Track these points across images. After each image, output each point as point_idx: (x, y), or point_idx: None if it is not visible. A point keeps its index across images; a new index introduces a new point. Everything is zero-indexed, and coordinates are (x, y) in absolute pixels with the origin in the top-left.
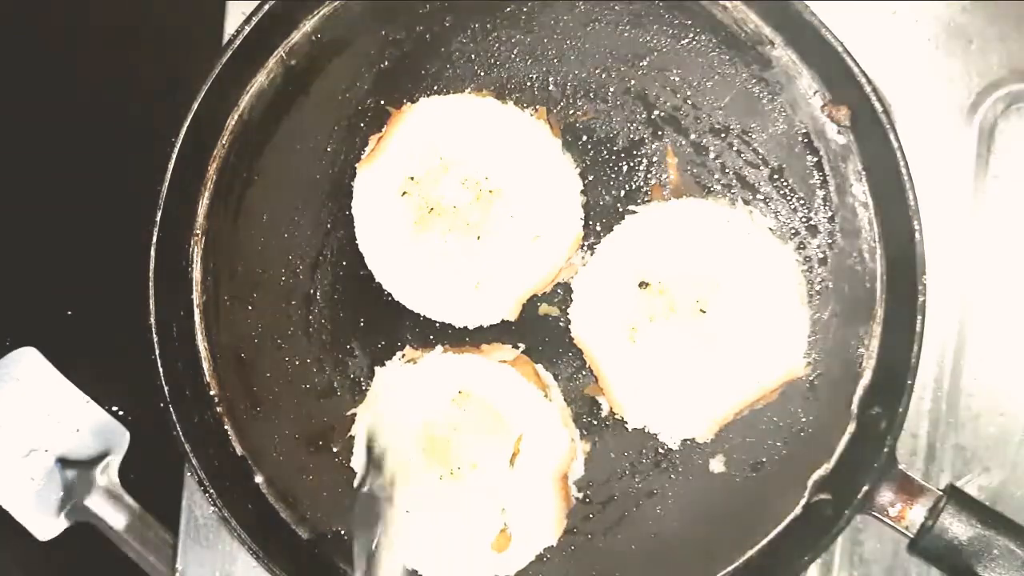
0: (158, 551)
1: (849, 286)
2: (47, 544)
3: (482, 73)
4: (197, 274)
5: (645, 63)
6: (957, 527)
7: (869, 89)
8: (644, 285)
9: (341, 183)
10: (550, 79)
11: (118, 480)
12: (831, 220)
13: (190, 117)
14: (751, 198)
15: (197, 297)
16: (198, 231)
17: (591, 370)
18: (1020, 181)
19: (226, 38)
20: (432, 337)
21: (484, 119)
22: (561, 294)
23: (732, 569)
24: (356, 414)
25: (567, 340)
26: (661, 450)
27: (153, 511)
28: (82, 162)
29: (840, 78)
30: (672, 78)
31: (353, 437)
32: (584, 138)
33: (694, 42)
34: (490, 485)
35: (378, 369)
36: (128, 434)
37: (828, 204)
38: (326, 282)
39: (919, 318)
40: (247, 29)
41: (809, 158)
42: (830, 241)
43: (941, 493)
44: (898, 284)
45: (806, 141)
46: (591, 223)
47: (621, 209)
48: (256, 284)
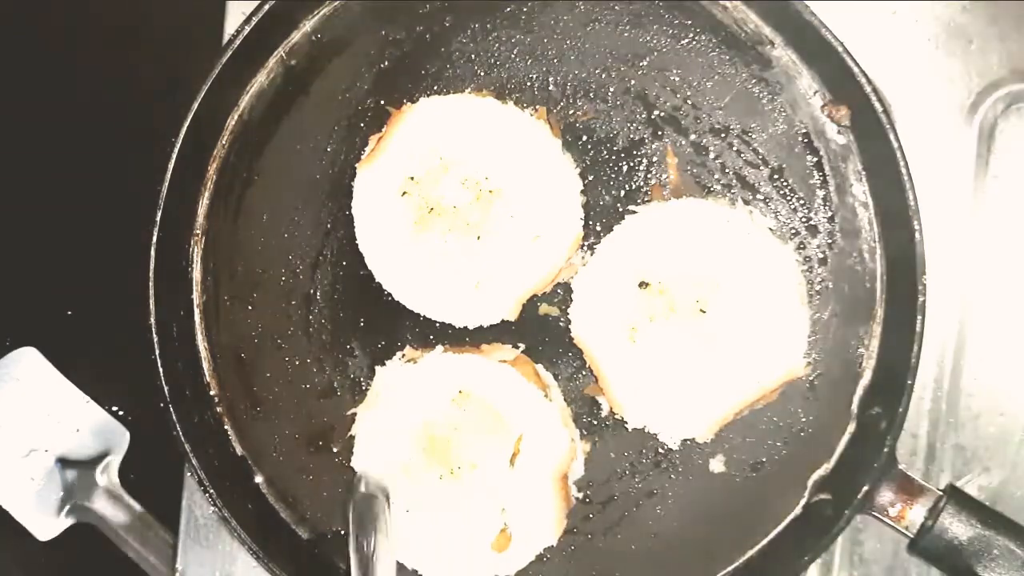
0: (158, 551)
1: (849, 286)
2: (47, 544)
3: (482, 73)
4: (197, 274)
5: (645, 63)
6: (957, 527)
7: (869, 89)
8: (644, 285)
9: (341, 183)
10: (550, 79)
11: (118, 480)
12: (831, 220)
13: (190, 117)
14: (751, 198)
15: (197, 297)
16: (198, 231)
17: (591, 370)
18: (1020, 181)
19: (226, 38)
20: (432, 337)
21: (484, 119)
22: (561, 294)
23: (732, 569)
24: (356, 414)
25: (567, 340)
26: (661, 450)
27: (153, 511)
28: (82, 162)
29: (840, 78)
30: (672, 78)
31: (353, 437)
32: (584, 138)
33: (694, 42)
34: (490, 485)
35: (378, 369)
36: (128, 434)
37: (828, 204)
38: (326, 282)
39: (919, 318)
40: (247, 29)
41: (809, 158)
42: (830, 241)
43: (941, 493)
44: (898, 284)
45: (806, 141)
46: (591, 223)
47: (621, 209)
48: (256, 284)
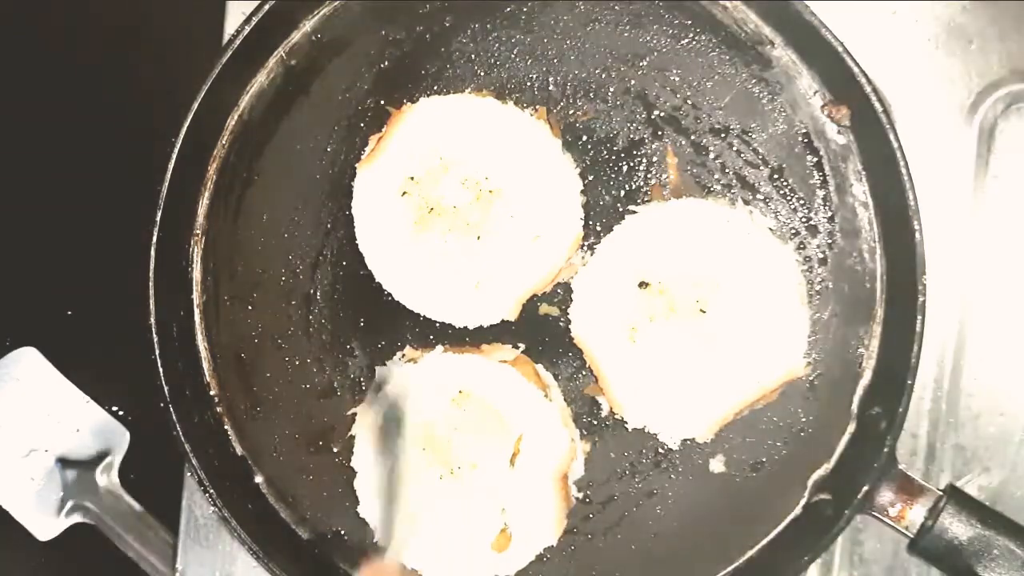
0: (158, 551)
1: (849, 286)
2: (47, 544)
3: (482, 73)
4: (197, 274)
5: (645, 63)
6: (957, 527)
7: (869, 89)
8: (644, 285)
9: (341, 183)
10: (550, 79)
11: (118, 480)
12: (831, 220)
13: (190, 117)
14: (751, 198)
15: (197, 297)
16: (198, 231)
17: (591, 370)
18: (1020, 181)
19: (226, 38)
20: (432, 337)
21: (484, 119)
22: (561, 294)
23: (732, 569)
24: (356, 414)
25: (567, 340)
26: (661, 450)
27: (153, 511)
28: (82, 162)
29: (840, 78)
30: (672, 78)
31: (353, 437)
32: (584, 138)
33: (694, 42)
34: (490, 485)
35: (378, 369)
36: (128, 434)
37: (828, 204)
38: (326, 282)
39: (919, 318)
40: (247, 29)
41: (809, 158)
42: (830, 241)
43: (941, 493)
44: (898, 284)
45: (806, 141)
46: (591, 223)
47: (621, 209)
48: (256, 284)
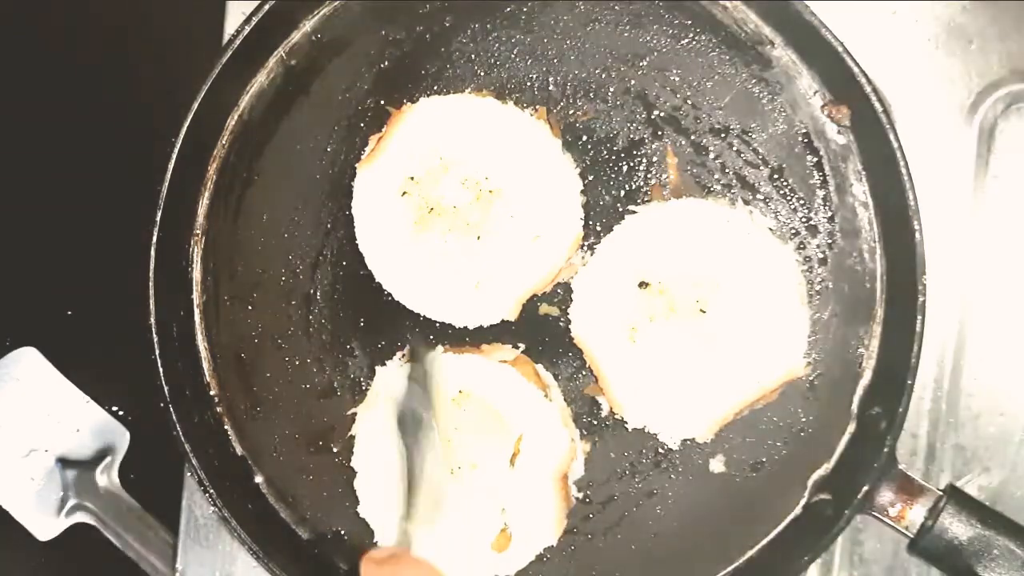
0: (158, 551)
1: (849, 286)
2: (47, 544)
3: (482, 73)
4: (197, 274)
5: (645, 63)
6: (957, 527)
7: (869, 89)
8: (644, 285)
9: (341, 183)
10: (550, 79)
11: (118, 480)
12: (831, 220)
13: (190, 117)
14: (751, 198)
15: (197, 297)
16: (198, 231)
17: (591, 370)
18: (1020, 181)
19: (226, 38)
20: (432, 337)
21: (484, 119)
22: (561, 294)
23: (732, 569)
24: (356, 414)
25: (567, 340)
26: (661, 450)
27: (153, 511)
28: (82, 162)
29: (840, 78)
30: (672, 78)
31: (353, 437)
32: (584, 138)
33: (694, 42)
34: (490, 485)
35: (378, 369)
36: (128, 434)
37: (828, 204)
38: (326, 282)
39: (919, 318)
40: (247, 29)
41: (809, 158)
42: (830, 241)
43: (941, 493)
44: (898, 284)
45: (806, 141)
46: (591, 223)
47: (621, 209)
48: (256, 284)
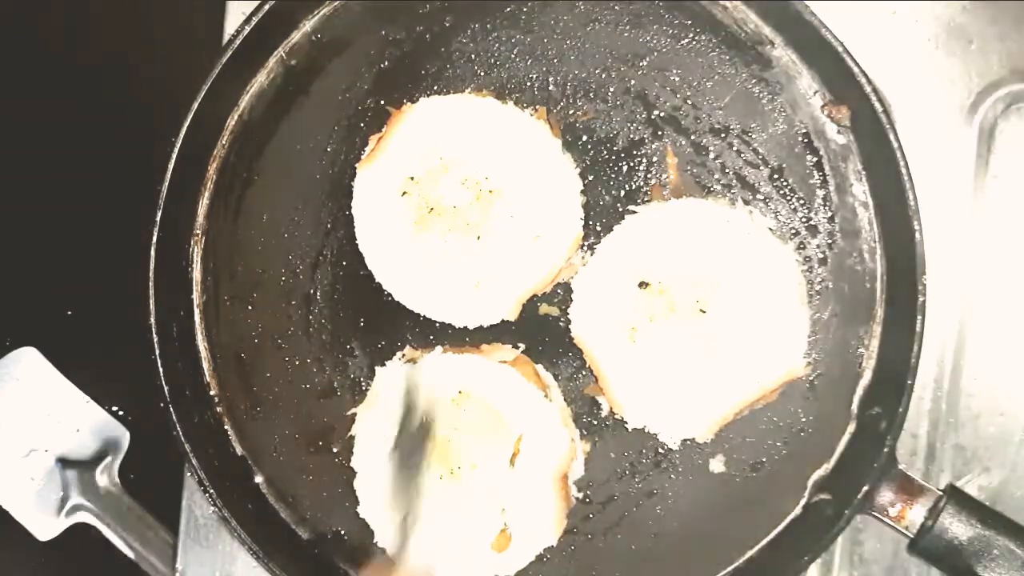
0: (158, 551)
1: (849, 286)
2: (47, 544)
3: (482, 73)
4: (197, 274)
5: (645, 63)
6: (957, 527)
7: (869, 89)
8: (644, 285)
9: (341, 183)
10: (550, 79)
11: (118, 480)
12: (831, 220)
13: (190, 117)
14: (751, 198)
15: (197, 297)
16: (198, 231)
17: (591, 370)
18: (1020, 181)
19: (226, 38)
20: (432, 337)
21: (484, 119)
22: (561, 294)
23: (732, 569)
24: (356, 414)
25: (567, 340)
26: (661, 450)
27: (153, 511)
28: (82, 162)
29: (840, 78)
30: (672, 78)
31: (353, 437)
32: (584, 138)
33: (694, 42)
34: (490, 485)
35: (378, 369)
36: (128, 434)
37: (828, 204)
38: (326, 282)
39: (919, 318)
40: (247, 29)
41: (809, 158)
42: (830, 241)
43: (941, 493)
44: (898, 284)
45: (806, 141)
46: (591, 223)
47: (621, 209)
48: (256, 284)
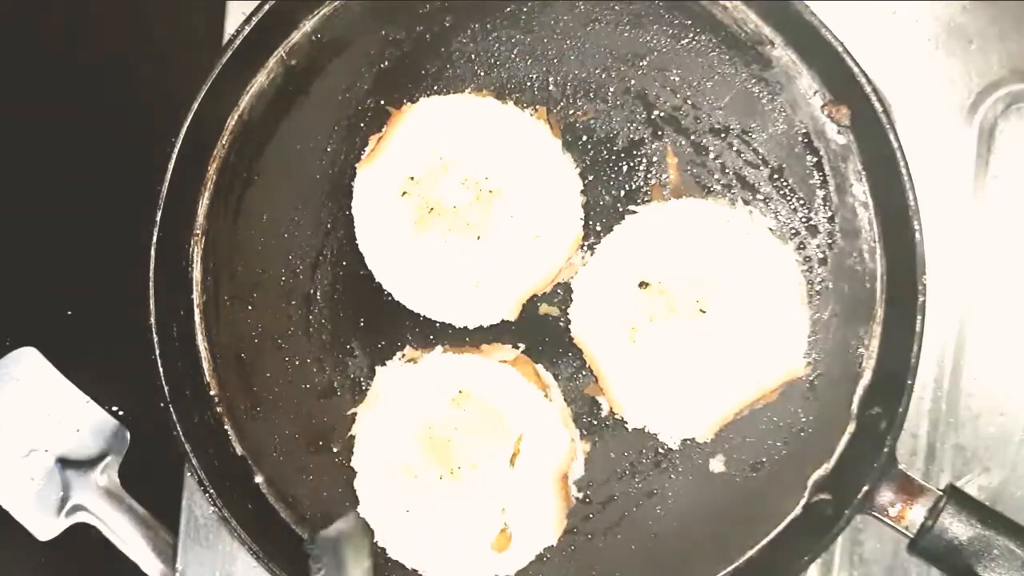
0: (158, 551)
1: (849, 286)
2: (47, 544)
3: (482, 73)
4: (197, 274)
5: (645, 63)
6: (957, 527)
7: (869, 89)
8: (644, 285)
9: (341, 183)
10: (550, 79)
11: (118, 480)
12: (831, 220)
13: (190, 117)
14: (751, 198)
15: (197, 297)
16: (198, 231)
17: (591, 370)
18: (1020, 181)
19: (226, 38)
20: (432, 337)
21: (484, 119)
22: (561, 294)
23: (732, 569)
24: (356, 414)
25: (567, 340)
26: (661, 450)
27: (153, 511)
28: (82, 162)
29: (840, 78)
30: (672, 78)
31: (353, 437)
32: (584, 138)
33: (694, 42)
34: (490, 485)
35: (378, 369)
36: (128, 434)
37: (828, 204)
38: (326, 282)
39: (919, 318)
40: (247, 29)
41: (809, 158)
42: (830, 241)
43: (941, 493)
44: (898, 284)
45: (806, 141)
46: (591, 223)
47: (621, 209)
48: (256, 284)
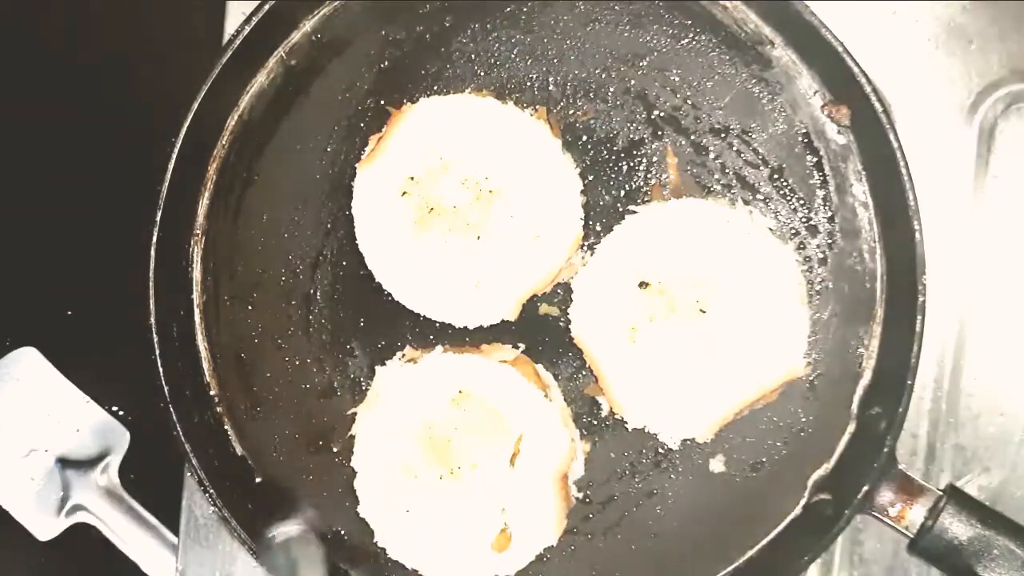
0: (158, 551)
1: (849, 286)
2: (47, 544)
3: (482, 73)
4: (197, 274)
5: (645, 63)
6: (957, 527)
7: (869, 89)
8: (644, 285)
9: (341, 183)
10: (550, 79)
11: (118, 480)
12: (831, 220)
13: (190, 117)
14: (751, 198)
15: (197, 297)
16: (198, 231)
17: (591, 370)
18: (1020, 181)
19: (226, 38)
20: (432, 337)
21: (484, 119)
22: (561, 294)
23: (732, 569)
24: (356, 414)
25: (567, 340)
26: (661, 450)
27: (153, 511)
28: (82, 162)
29: (840, 78)
30: (672, 78)
31: (353, 437)
32: (584, 138)
33: (694, 42)
34: (490, 485)
35: (378, 369)
36: (128, 434)
37: (828, 204)
38: (326, 282)
39: (919, 318)
40: (247, 29)
41: (809, 158)
42: (830, 241)
43: (941, 493)
44: (898, 284)
45: (806, 141)
46: (591, 223)
47: (621, 209)
48: (256, 284)
